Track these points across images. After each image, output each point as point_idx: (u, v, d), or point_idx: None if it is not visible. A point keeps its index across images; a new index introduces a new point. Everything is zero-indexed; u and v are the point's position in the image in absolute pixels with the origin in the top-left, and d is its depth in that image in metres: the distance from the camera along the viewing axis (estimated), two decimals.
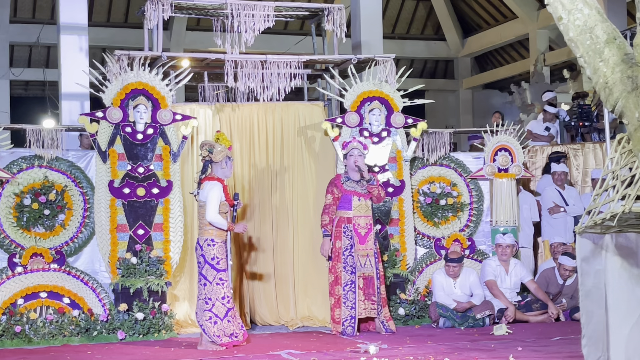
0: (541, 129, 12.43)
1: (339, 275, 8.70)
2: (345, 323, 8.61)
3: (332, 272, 8.77)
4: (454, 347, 7.47)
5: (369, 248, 8.71)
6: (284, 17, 10.30)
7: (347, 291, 8.66)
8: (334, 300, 8.72)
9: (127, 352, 7.72)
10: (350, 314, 8.62)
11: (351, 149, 8.83)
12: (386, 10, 20.75)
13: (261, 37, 9.95)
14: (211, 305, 7.80)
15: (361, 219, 8.75)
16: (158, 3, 9.27)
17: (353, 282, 8.66)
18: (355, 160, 8.75)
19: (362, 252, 8.67)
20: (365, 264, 8.68)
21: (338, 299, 8.67)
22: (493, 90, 23.06)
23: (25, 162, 8.89)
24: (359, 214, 8.75)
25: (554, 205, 10.78)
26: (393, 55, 10.02)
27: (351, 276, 8.66)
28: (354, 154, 8.80)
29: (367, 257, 8.69)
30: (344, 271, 8.68)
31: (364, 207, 8.78)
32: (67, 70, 11.15)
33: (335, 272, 8.74)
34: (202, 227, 7.93)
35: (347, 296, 8.65)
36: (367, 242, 8.72)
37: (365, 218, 8.77)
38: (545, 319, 9.42)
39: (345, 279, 8.67)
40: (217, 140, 8.04)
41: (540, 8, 18.98)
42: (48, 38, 17.60)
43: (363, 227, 8.74)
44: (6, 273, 8.57)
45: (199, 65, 9.74)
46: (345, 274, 8.67)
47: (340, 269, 8.69)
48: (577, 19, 4.73)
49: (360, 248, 8.67)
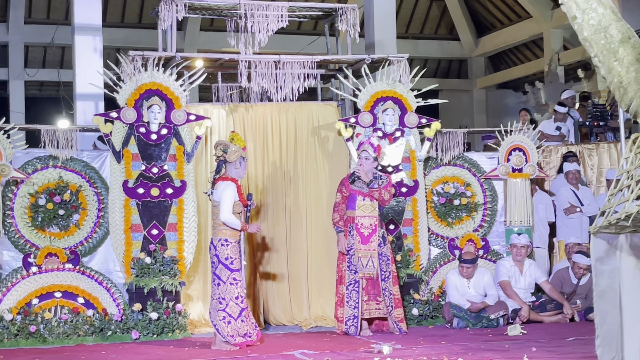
0: (552, 129, 12.39)
1: (343, 274, 8.70)
2: (348, 322, 8.59)
3: (337, 271, 8.77)
4: (467, 348, 7.46)
5: (371, 249, 8.66)
6: (298, 17, 10.31)
7: (351, 290, 8.64)
8: (337, 299, 8.72)
9: (141, 352, 7.74)
10: (353, 314, 8.61)
11: (361, 151, 8.82)
12: (400, 10, 20.73)
13: (275, 37, 9.96)
14: (225, 305, 7.81)
15: (365, 219, 8.72)
16: (172, 3, 9.29)
17: (356, 282, 8.64)
18: (360, 164, 8.74)
19: (364, 253, 8.64)
20: (367, 265, 8.64)
21: (341, 298, 8.67)
22: (507, 90, 22.99)
23: (40, 163, 8.93)
24: (362, 214, 8.71)
25: (569, 205, 10.73)
26: (406, 55, 10.02)
27: (355, 275, 8.64)
28: (362, 156, 8.79)
29: (370, 258, 8.65)
30: (348, 270, 8.66)
31: (369, 207, 8.75)
32: (82, 71, 11.19)
33: (340, 271, 8.74)
34: (216, 227, 7.94)
35: (350, 295, 8.63)
36: (370, 242, 8.67)
37: (369, 218, 8.73)
38: (560, 319, 9.39)
39: (349, 278, 8.65)
40: (231, 140, 8.05)
41: (554, 7, 18.91)
42: (62, 39, 17.68)
43: (367, 228, 8.70)
44: (21, 273, 8.61)
45: (213, 66, 9.75)
46: (349, 274, 8.65)
47: (345, 268, 8.69)
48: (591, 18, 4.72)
49: (362, 248, 8.64)
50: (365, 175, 8.66)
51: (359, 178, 8.67)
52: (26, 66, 19.56)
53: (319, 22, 11.05)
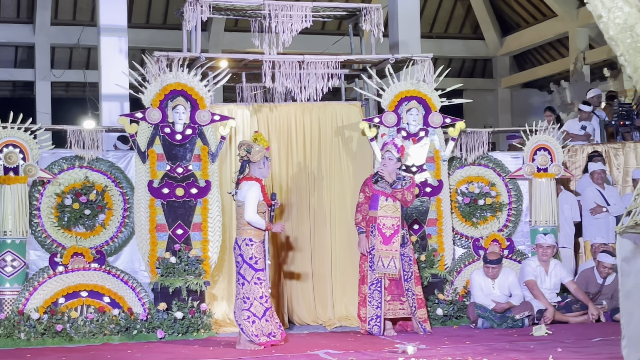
0: (577, 128, 12.32)
1: (365, 274, 8.69)
2: (371, 322, 8.58)
3: (360, 271, 8.77)
4: (492, 348, 7.43)
5: (393, 249, 8.61)
6: (322, 17, 10.32)
7: (373, 290, 8.63)
8: (360, 299, 8.72)
9: (167, 351, 7.78)
10: (376, 313, 8.59)
11: (385, 152, 8.80)
12: (424, 10, 20.68)
13: (299, 38, 9.97)
14: (249, 304, 7.83)
15: (387, 219, 8.68)
16: (197, 4, 9.33)
17: (379, 282, 8.63)
18: (383, 164, 8.72)
19: (385, 253, 8.61)
20: (389, 265, 8.60)
21: (364, 297, 8.66)
22: (532, 90, 22.86)
23: (66, 163, 9.00)
24: (385, 214, 8.68)
25: (595, 205, 10.67)
26: (431, 54, 10.00)
27: (377, 275, 8.63)
28: (385, 157, 8.77)
29: (392, 259, 8.61)
30: (370, 270, 8.65)
31: (391, 207, 8.71)
32: (107, 72, 11.26)
33: (362, 270, 8.73)
34: (240, 227, 7.96)
35: (373, 295, 8.62)
36: (392, 243, 8.62)
37: (392, 219, 8.69)
38: (585, 319, 9.33)
39: (371, 278, 8.64)
40: (255, 140, 8.07)
41: (579, 6, 18.80)
42: (88, 40, 17.81)
43: (388, 228, 8.66)
44: (47, 272, 8.68)
45: (237, 66, 9.79)
46: (372, 274, 8.64)
47: (367, 267, 8.68)
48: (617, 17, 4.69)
49: (383, 248, 8.60)
50: (389, 175, 8.64)
51: (382, 178, 8.66)
52: (52, 67, 19.71)
53: (343, 22, 11.06)
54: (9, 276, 8.55)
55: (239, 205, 7.98)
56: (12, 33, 19.19)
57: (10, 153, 8.62)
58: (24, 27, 19.23)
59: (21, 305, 8.42)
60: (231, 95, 13.03)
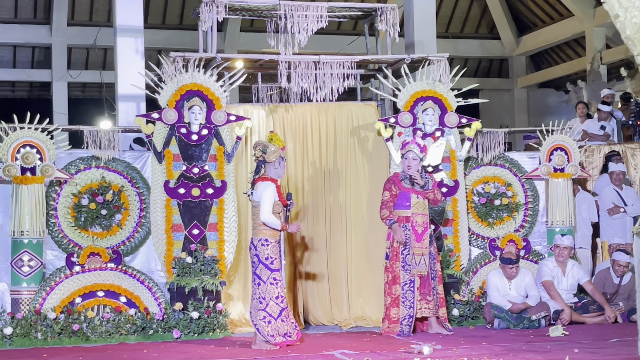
0: (596, 128, 12.26)
1: (397, 274, 8.63)
2: (403, 322, 8.54)
3: (390, 272, 8.69)
4: (508, 349, 7.41)
5: (424, 247, 8.65)
6: (337, 17, 10.32)
7: (406, 290, 8.60)
8: (390, 300, 8.66)
9: (183, 351, 7.80)
10: (409, 314, 8.57)
11: (407, 152, 8.76)
12: (440, 10, 20.65)
13: (314, 38, 9.98)
14: (265, 304, 7.83)
15: (419, 216, 8.67)
16: (212, 5, 9.35)
17: (412, 282, 8.60)
18: (408, 165, 8.69)
19: (418, 251, 8.61)
20: (420, 263, 8.62)
21: (396, 298, 8.60)
22: (548, 89, 22.79)
23: (83, 163, 9.04)
24: (416, 212, 8.67)
25: (613, 205, 10.62)
26: (447, 54, 9.98)
27: (410, 275, 8.61)
28: (409, 157, 8.72)
29: (422, 256, 8.63)
30: (403, 270, 8.62)
31: (422, 205, 8.70)
32: (124, 72, 11.29)
33: (393, 271, 8.66)
34: (256, 227, 7.97)
35: (406, 295, 8.59)
36: (423, 240, 8.65)
37: (422, 216, 8.69)
38: (602, 320, 9.29)
39: (404, 278, 8.60)
40: (270, 140, 8.07)
41: (596, 6, 18.71)
42: (105, 40, 17.88)
43: (420, 225, 8.67)
44: (64, 272, 8.72)
45: (253, 67, 9.80)
46: (404, 274, 8.60)
47: (399, 268, 8.63)
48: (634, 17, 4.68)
49: (417, 246, 8.61)
50: (419, 176, 8.61)
51: (414, 180, 8.61)
52: (69, 68, 19.80)
53: (359, 22, 11.06)
54: (26, 276, 8.58)
55: (255, 205, 7.98)
56: (29, 34, 19.30)
57: (27, 153, 8.67)
58: (41, 28, 19.34)
59: (38, 305, 8.46)
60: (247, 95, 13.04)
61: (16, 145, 8.68)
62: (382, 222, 8.77)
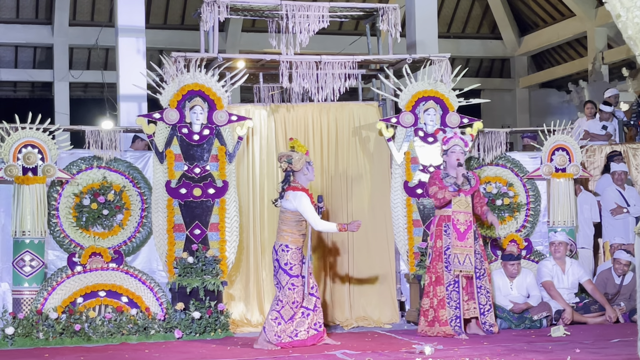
0: (598, 128, 12.26)
1: (441, 275, 8.43)
2: (452, 323, 8.33)
3: (432, 272, 8.50)
4: (510, 349, 7.41)
5: (468, 246, 8.42)
6: (339, 17, 10.32)
7: (451, 291, 8.39)
8: (436, 301, 8.42)
9: (184, 351, 7.80)
10: (456, 314, 8.36)
11: (452, 146, 8.57)
12: (441, 10, 20.65)
13: (316, 38, 9.98)
14: (281, 307, 7.87)
15: (460, 214, 8.47)
16: (214, 5, 9.35)
17: (456, 282, 8.41)
18: (458, 157, 8.50)
19: (461, 250, 8.41)
20: (465, 262, 8.41)
21: (441, 299, 8.40)
22: (550, 89, 22.78)
23: (85, 163, 9.04)
24: (458, 209, 8.47)
25: (616, 206, 10.62)
26: (448, 54, 9.98)
27: (454, 276, 8.42)
28: (456, 150, 8.55)
29: (467, 256, 8.41)
30: (446, 270, 8.42)
31: (464, 202, 8.50)
32: (125, 72, 11.30)
33: (436, 272, 8.47)
34: (280, 232, 7.96)
35: (451, 296, 8.38)
36: (467, 239, 8.43)
37: (464, 214, 8.48)
38: (604, 320, 9.29)
39: (448, 278, 8.40)
40: (291, 148, 8.03)
41: (598, 6, 18.70)
42: (106, 40, 17.87)
43: (462, 224, 8.45)
44: (66, 272, 8.72)
45: (254, 67, 9.80)
46: (448, 274, 8.41)
47: (442, 268, 8.44)
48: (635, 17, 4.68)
49: (458, 245, 8.40)
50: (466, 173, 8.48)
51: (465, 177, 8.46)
52: (71, 68, 19.81)
53: (360, 22, 11.05)
54: (28, 276, 8.59)
55: (282, 211, 7.95)
56: (30, 34, 19.31)
57: (29, 153, 8.67)
58: (43, 28, 19.35)
59: (40, 305, 8.46)
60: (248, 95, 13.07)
61: (18, 145, 8.68)
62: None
